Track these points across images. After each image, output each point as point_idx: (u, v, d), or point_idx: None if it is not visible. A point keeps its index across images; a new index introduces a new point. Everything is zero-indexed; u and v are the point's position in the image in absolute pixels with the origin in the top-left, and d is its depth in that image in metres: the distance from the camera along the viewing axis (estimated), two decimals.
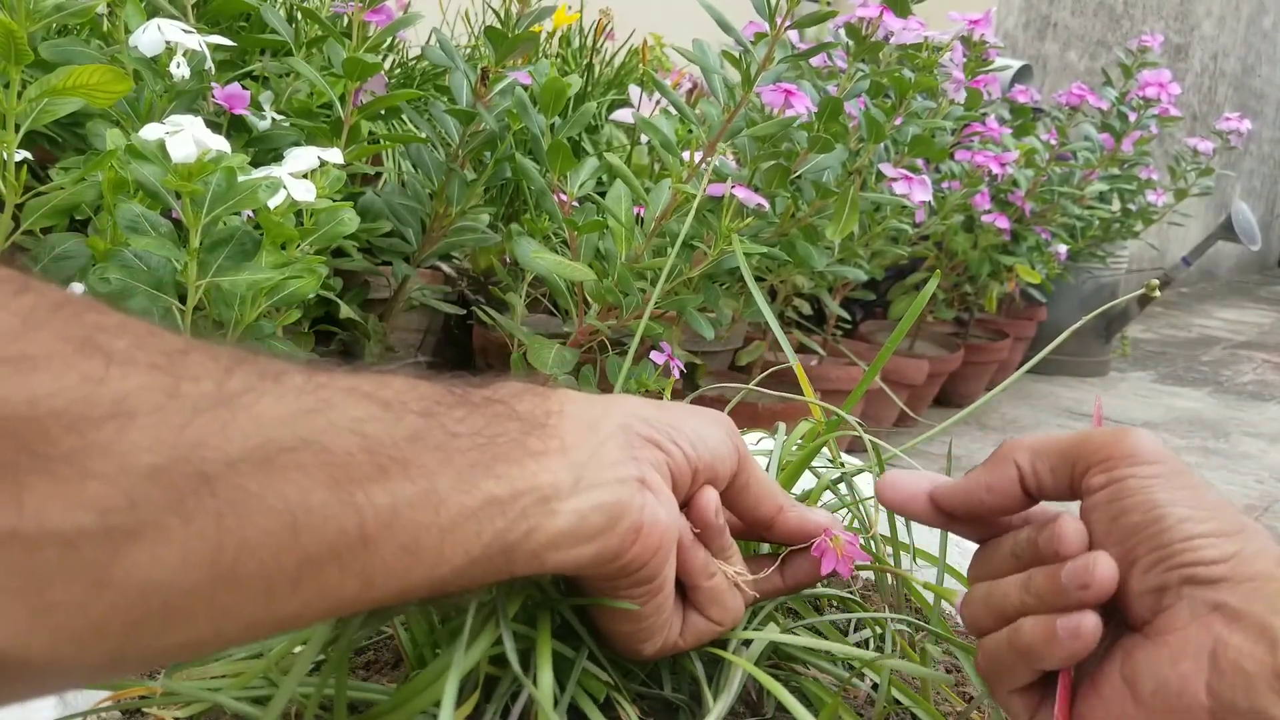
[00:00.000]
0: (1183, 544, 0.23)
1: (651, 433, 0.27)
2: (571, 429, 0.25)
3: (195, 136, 0.49)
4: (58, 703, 0.32)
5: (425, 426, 0.22)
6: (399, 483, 0.20)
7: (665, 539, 0.26)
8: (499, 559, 0.23)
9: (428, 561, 0.21)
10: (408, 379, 0.23)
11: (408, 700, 0.28)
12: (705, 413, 0.30)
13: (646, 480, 0.26)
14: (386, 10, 0.69)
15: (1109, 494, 0.25)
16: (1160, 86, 1.54)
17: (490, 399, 0.24)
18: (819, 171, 0.80)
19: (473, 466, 0.22)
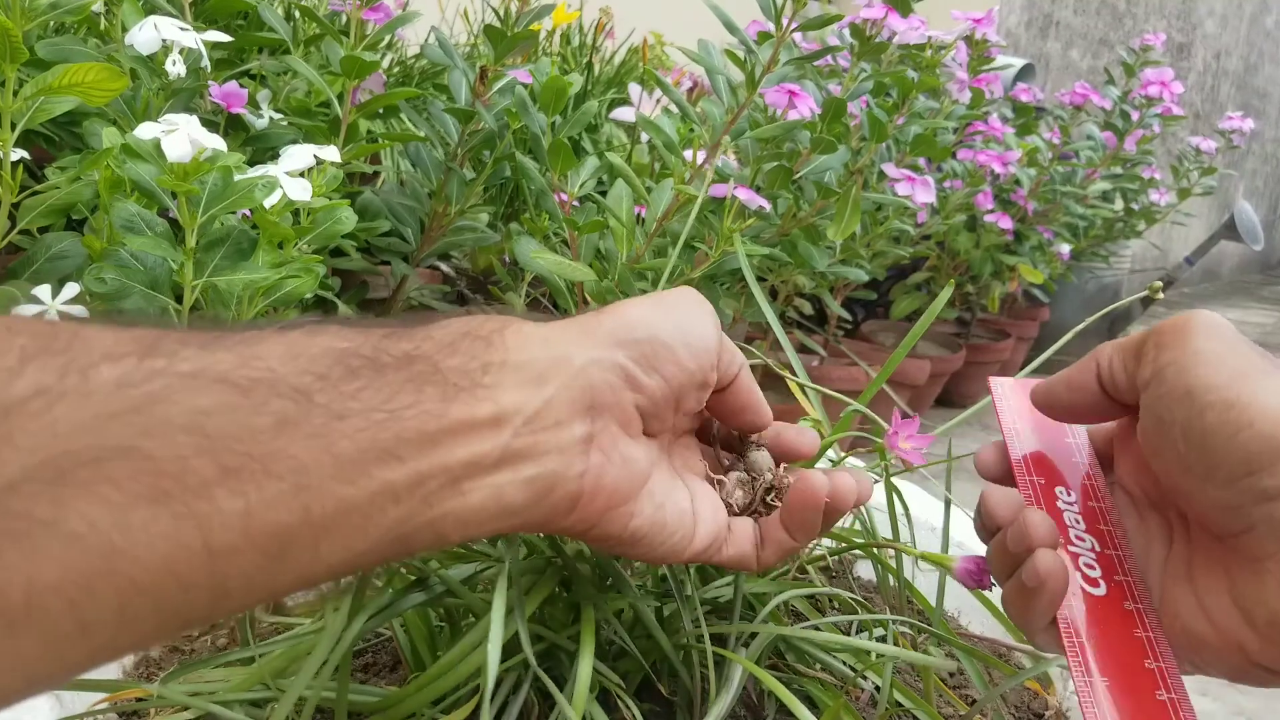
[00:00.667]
0: (1229, 446, 0.20)
1: (625, 365, 0.24)
2: (512, 385, 0.22)
3: (191, 135, 0.49)
4: (54, 704, 0.31)
5: (298, 411, 0.18)
6: (254, 482, 0.17)
7: (616, 497, 0.24)
8: (392, 549, 0.20)
9: (297, 566, 0.19)
10: (300, 338, 0.20)
11: (405, 699, 0.28)
12: (681, 297, 0.27)
13: (596, 438, 0.23)
14: (384, 8, 0.68)
15: (1152, 392, 0.23)
16: (1163, 85, 1.53)
17: (411, 355, 0.21)
18: (821, 172, 0.79)
19: (363, 451, 0.19)
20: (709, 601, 0.35)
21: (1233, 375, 0.21)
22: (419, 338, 0.22)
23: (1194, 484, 0.22)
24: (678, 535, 0.26)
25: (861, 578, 0.48)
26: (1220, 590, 0.23)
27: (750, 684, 0.34)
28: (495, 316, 0.23)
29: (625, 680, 0.31)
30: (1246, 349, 0.22)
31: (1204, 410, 0.21)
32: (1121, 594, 0.24)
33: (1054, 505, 0.27)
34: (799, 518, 0.28)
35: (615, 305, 0.26)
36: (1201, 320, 0.23)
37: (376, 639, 0.36)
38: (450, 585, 0.30)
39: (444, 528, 0.21)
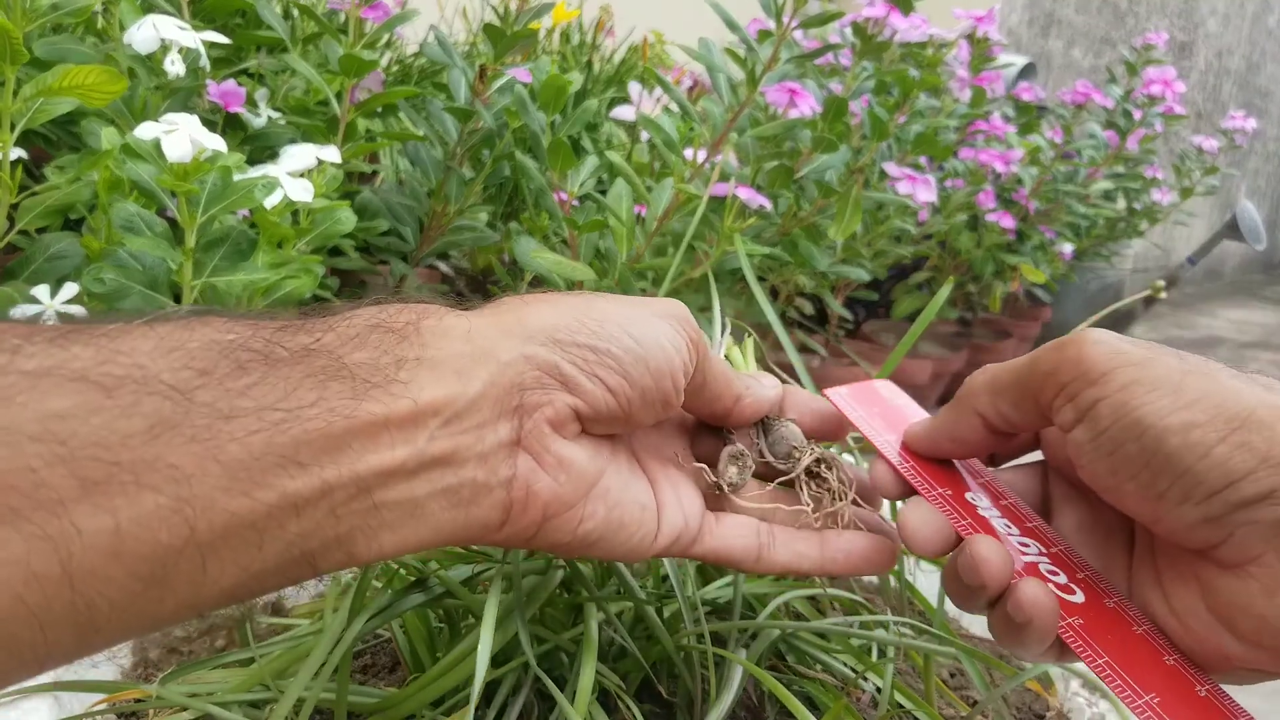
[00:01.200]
0: (1203, 465, 0.20)
1: (559, 364, 0.21)
2: (430, 381, 0.19)
3: (191, 135, 0.49)
4: (53, 704, 0.31)
5: (176, 411, 0.16)
6: (124, 496, 0.15)
7: (556, 505, 0.22)
8: (294, 568, 0.18)
9: (182, 591, 0.16)
10: (175, 331, 0.17)
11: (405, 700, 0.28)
12: (648, 308, 0.24)
13: (524, 441, 0.21)
14: (383, 7, 0.68)
15: (1088, 430, 0.21)
16: (1165, 84, 1.53)
17: (310, 349, 0.18)
18: (822, 171, 0.79)
19: (256, 457, 0.16)
20: (709, 602, 0.35)
21: (1175, 393, 0.20)
22: (318, 330, 0.19)
23: (1165, 507, 0.21)
24: (639, 533, 0.24)
25: (862, 579, 0.48)
26: (1194, 600, 0.22)
27: (751, 685, 0.34)
28: (409, 305, 0.21)
29: (625, 681, 0.31)
30: (1160, 358, 0.21)
31: (1163, 436, 0.20)
32: (1096, 593, 0.24)
33: (977, 514, 0.25)
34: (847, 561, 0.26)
35: (559, 297, 0.23)
36: (1095, 349, 0.22)
37: (375, 640, 0.36)
38: (450, 586, 0.30)
39: (355, 546, 0.19)
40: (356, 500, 0.18)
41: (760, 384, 0.28)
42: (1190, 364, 0.21)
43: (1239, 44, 3.89)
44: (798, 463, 0.27)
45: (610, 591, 0.33)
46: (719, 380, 0.26)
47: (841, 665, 0.34)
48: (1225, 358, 2.10)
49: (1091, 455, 0.22)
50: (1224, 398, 0.20)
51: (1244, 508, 0.20)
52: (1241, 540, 0.20)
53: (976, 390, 0.25)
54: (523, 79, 0.73)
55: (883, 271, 1.20)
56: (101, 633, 0.16)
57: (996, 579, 0.22)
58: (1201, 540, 0.21)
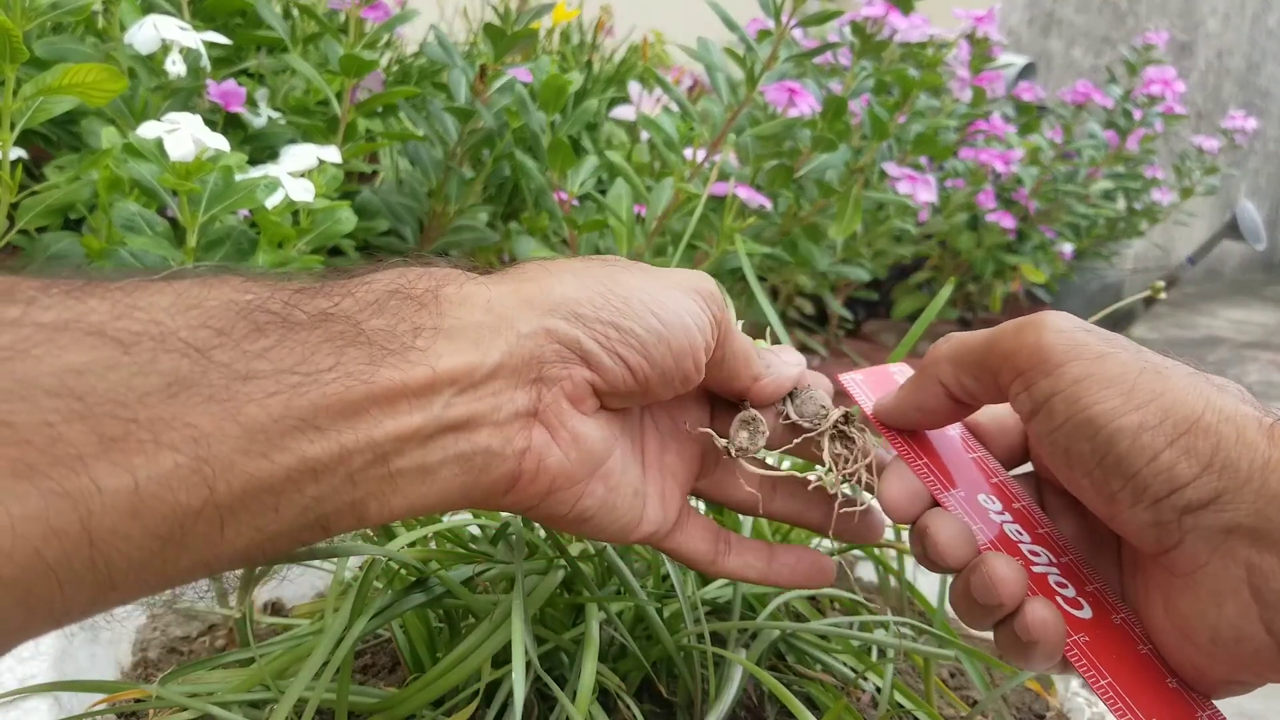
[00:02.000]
0: (1150, 469, 0.20)
1: (580, 340, 0.21)
2: (448, 350, 0.19)
3: (194, 135, 0.49)
4: (53, 704, 0.31)
5: (194, 370, 0.15)
6: (143, 455, 0.15)
7: (562, 480, 0.22)
8: (307, 531, 0.18)
9: (197, 551, 0.16)
10: (193, 288, 0.16)
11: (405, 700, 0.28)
12: (675, 281, 0.23)
13: (541, 413, 0.21)
14: (383, 7, 0.68)
15: (1043, 423, 0.21)
16: (1165, 84, 1.52)
17: (328, 313, 0.18)
18: (822, 170, 0.79)
19: (275, 419, 0.16)
20: (709, 602, 0.35)
21: (1128, 393, 0.20)
22: (337, 294, 0.19)
23: (1118, 508, 0.21)
24: (626, 518, 0.24)
25: (863, 579, 0.48)
26: (1159, 610, 0.22)
27: (751, 685, 0.34)
28: (430, 270, 0.20)
29: (625, 681, 0.31)
30: (1117, 353, 0.21)
31: (1113, 438, 0.20)
32: (1104, 608, 0.23)
33: (989, 520, 0.24)
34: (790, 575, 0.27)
35: (583, 267, 0.22)
36: (1054, 337, 0.21)
37: (375, 640, 0.36)
38: (450, 586, 0.30)
39: (366, 510, 0.18)
40: (374, 466, 0.18)
41: (782, 362, 0.27)
42: (1147, 361, 0.21)
43: (1239, 44, 3.89)
44: (825, 418, 0.26)
45: (611, 591, 0.33)
46: (737, 358, 0.26)
47: (841, 665, 0.34)
48: (1225, 357, 2.10)
49: (1049, 449, 0.22)
50: (1175, 399, 0.20)
51: (1189, 513, 0.20)
52: (1190, 547, 0.20)
53: (939, 359, 0.24)
54: (523, 79, 0.73)
55: (883, 271, 1.20)
56: (118, 590, 0.15)
57: (1013, 598, 0.22)
58: (1154, 544, 0.21)
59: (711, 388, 0.27)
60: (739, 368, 0.26)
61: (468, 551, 0.33)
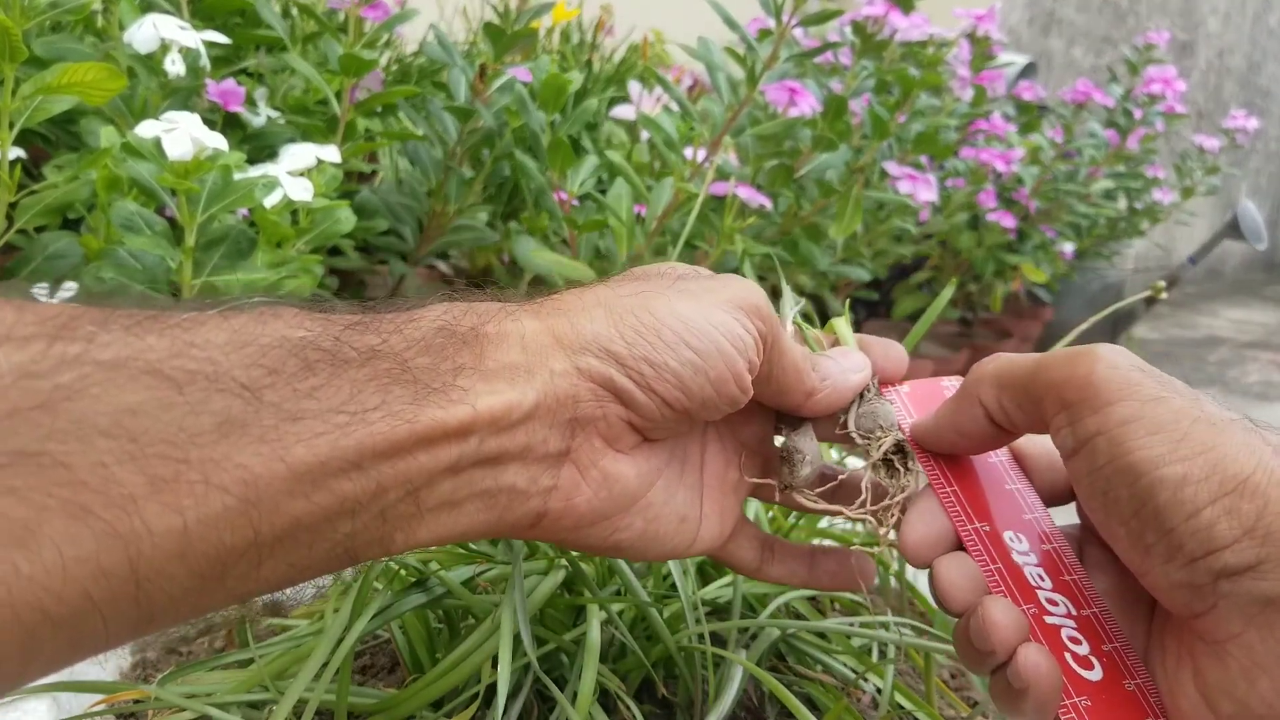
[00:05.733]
0: (1188, 526, 0.18)
1: (614, 378, 0.21)
2: (486, 391, 0.19)
3: (192, 134, 0.48)
4: (52, 705, 0.31)
5: (246, 410, 0.16)
6: (192, 496, 0.15)
7: (591, 517, 0.22)
8: (334, 563, 0.18)
9: (234, 586, 0.16)
10: (249, 324, 0.17)
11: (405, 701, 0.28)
12: (714, 297, 0.22)
13: (574, 453, 0.21)
14: (383, 6, 0.68)
15: (1084, 463, 0.20)
16: (1165, 83, 1.52)
17: (376, 351, 0.18)
18: (822, 170, 0.79)
19: (322, 461, 0.16)
20: (709, 602, 0.35)
21: (1176, 442, 0.19)
22: (387, 331, 0.19)
23: (1151, 563, 0.20)
24: (671, 543, 0.24)
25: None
26: (1186, 679, 0.20)
27: (751, 686, 0.34)
28: (473, 308, 0.21)
29: (625, 681, 0.31)
30: (1172, 398, 0.20)
31: (1154, 489, 0.19)
32: (1117, 672, 0.21)
33: (1009, 559, 0.23)
34: (832, 581, 0.27)
35: (615, 297, 0.22)
36: (1108, 372, 0.20)
37: (374, 640, 0.36)
38: (450, 587, 0.29)
39: (393, 542, 0.19)
40: (405, 502, 0.18)
41: (841, 371, 0.26)
42: (1203, 410, 0.20)
43: (1240, 43, 3.89)
44: (876, 444, 0.25)
45: (612, 592, 0.33)
46: (787, 374, 0.24)
47: (842, 666, 0.34)
48: (1226, 358, 2.10)
49: (1087, 490, 0.21)
50: (1225, 455, 0.19)
51: (1226, 578, 0.19)
52: (1224, 614, 0.19)
53: (982, 379, 0.23)
54: (523, 78, 0.73)
55: (883, 271, 1.20)
56: (154, 622, 0.16)
57: (1006, 645, 0.21)
58: (1184, 606, 0.20)
59: (763, 402, 0.25)
60: (790, 383, 0.25)
61: (468, 552, 0.33)
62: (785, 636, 0.34)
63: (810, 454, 0.25)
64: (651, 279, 0.23)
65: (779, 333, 0.24)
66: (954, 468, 0.25)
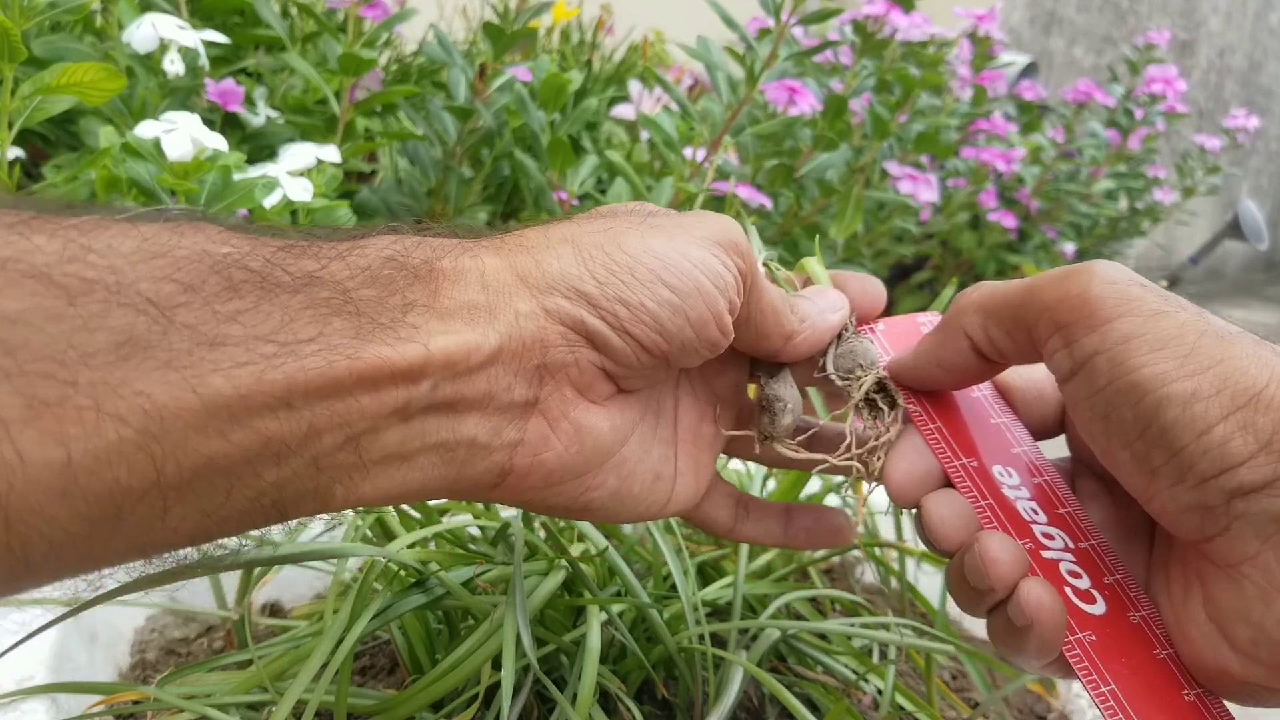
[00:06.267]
0: (1200, 444, 0.17)
1: (586, 321, 0.19)
2: (441, 330, 0.17)
3: (192, 134, 0.48)
4: (51, 705, 0.31)
5: (154, 329, 0.13)
6: (80, 425, 0.13)
7: (559, 475, 0.20)
8: (260, 516, 0.16)
9: (133, 535, 0.14)
10: (162, 234, 0.14)
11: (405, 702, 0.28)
12: (689, 234, 0.21)
13: (542, 403, 0.19)
14: (382, 5, 0.68)
15: (1083, 386, 0.19)
16: (1166, 83, 1.52)
17: (314, 276, 0.16)
18: (823, 169, 0.79)
19: (244, 395, 0.14)
20: (709, 603, 0.35)
21: (1184, 357, 0.18)
22: (326, 255, 0.16)
23: (1158, 487, 0.18)
24: (645, 503, 0.22)
25: (863, 580, 0.48)
26: (1196, 606, 0.19)
27: (751, 687, 0.34)
28: (426, 241, 0.18)
29: (625, 682, 0.31)
30: (1175, 312, 0.18)
31: (1161, 407, 0.18)
32: (1120, 604, 0.21)
33: (1000, 494, 0.22)
34: (808, 539, 0.26)
35: (583, 233, 0.20)
36: (1105, 288, 0.19)
37: (373, 641, 0.36)
38: (450, 588, 0.29)
39: (331, 496, 0.17)
40: (342, 450, 0.16)
41: (819, 311, 0.24)
42: (1209, 324, 0.18)
43: (1241, 42, 3.89)
44: (857, 384, 0.23)
45: (612, 593, 0.33)
46: (766, 316, 0.23)
47: (842, 667, 0.34)
48: None
49: (1086, 416, 0.19)
50: (1235, 368, 0.17)
51: (1240, 497, 0.17)
52: (1238, 535, 0.18)
53: (966, 309, 0.22)
54: (522, 78, 0.73)
55: (884, 271, 1.20)
56: (34, 574, 0.14)
57: (1005, 581, 0.20)
58: (1195, 530, 0.18)
59: (740, 349, 0.24)
60: (769, 326, 0.23)
61: (467, 552, 0.33)
62: (786, 637, 0.34)
63: (791, 401, 0.24)
64: (620, 215, 0.21)
65: (757, 272, 0.22)
66: (936, 404, 0.24)
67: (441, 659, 0.29)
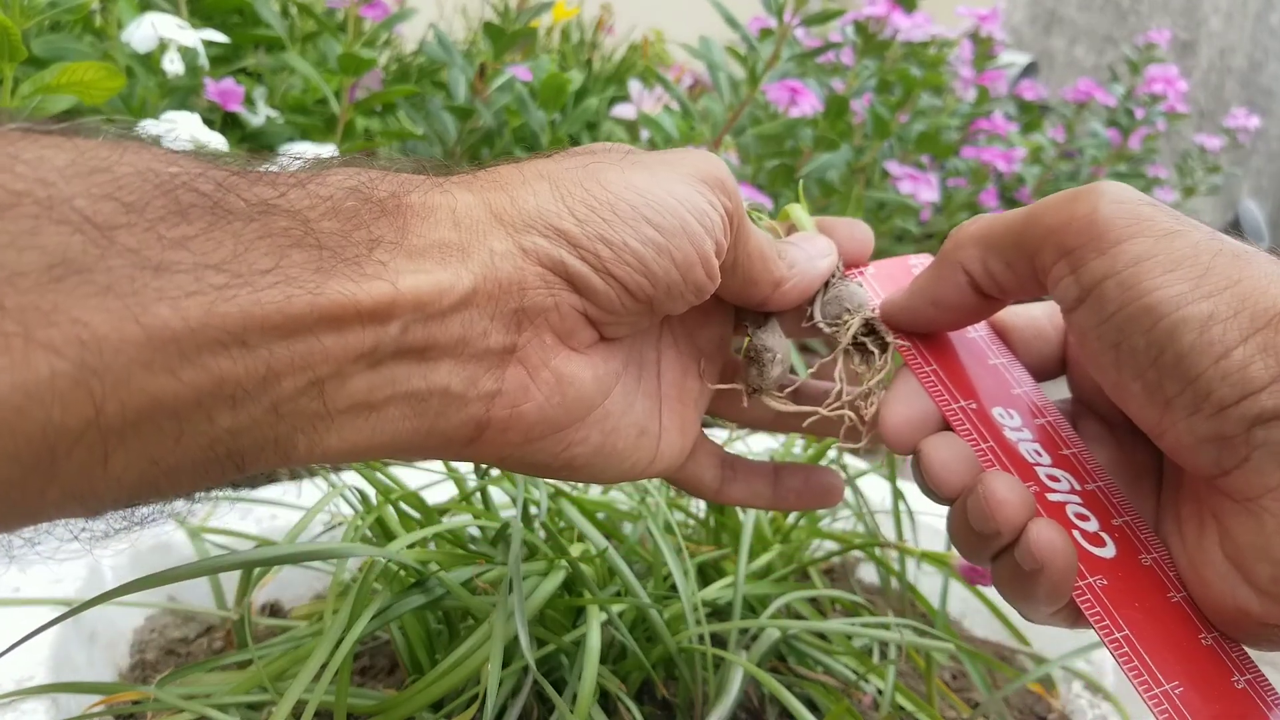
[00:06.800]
0: (1218, 369, 0.16)
1: (567, 262, 0.18)
2: (410, 269, 0.16)
3: (192, 134, 0.48)
4: (51, 705, 0.31)
5: (91, 250, 0.12)
6: (8, 355, 0.11)
7: (541, 428, 0.19)
8: (216, 468, 0.14)
9: (70, 482, 0.13)
10: (101, 149, 0.13)
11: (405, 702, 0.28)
12: (673, 170, 0.19)
13: (520, 351, 0.18)
14: (382, 5, 0.68)
15: (1091, 313, 0.18)
16: (1167, 83, 1.52)
17: (271, 205, 0.14)
18: (824, 169, 0.79)
19: (193, 328, 0.13)
20: (709, 603, 0.35)
21: (1197, 278, 0.16)
22: (285, 183, 0.15)
23: (1174, 418, 0.17)
24: (630, 460, 0.21)
25: (864, 580, 0.48)
26: (1211, 545, 0.18)
27: (751, 687, 0.34)
28: (391, 175, 0.17)
29: (625, 682, 0.31)
30: (1186, 230, 0.17)
31: (1176, 331, 0.16)
32: (1131, 547, 0.19)
33: (1001, 437, 0.21)
34: (798, 500, 0.24)
35: (560, 169, 0.19)
36: (1114, 209, 0.17)
37: (373, 641, 0.36)
38: (450, 588, 0.29)
39: (293, 447, 0.15)
40: (304, 395, 0.15)
41: (808, 257, 0.23)
42: (1224, 244, 0.17)
43: (1242, 42, 3.89)
44: (845, 328, 0.22)
45: (612, 593, 0.33)
46: (754, 261, 0.21)
47: (842, 667, 0.34)
48: None
49: (1095, 346, 0.18)
50: (1254, 287, 0.16)
51: (1261, 425, 0.16)
52: (1258, 466, 0.16)
53: (964, 242, 0.20)
54: (523, 77, 0.73)
55: None
56: None
57: (1012, 523, 0.19)
58: (1212, 464, 0.17)
59: (726, 297, 0.22)
60: (756, 272, 0.21)
61: (467, 552, 0.33)
62: (786, 637, 0.34)
63: (780, 351, 0.23)
64: (598, 153, 0.20)
65: (744, 214, 0.21)
66: (931, 346, 0.22)
67: (441, 659, 0.29)
